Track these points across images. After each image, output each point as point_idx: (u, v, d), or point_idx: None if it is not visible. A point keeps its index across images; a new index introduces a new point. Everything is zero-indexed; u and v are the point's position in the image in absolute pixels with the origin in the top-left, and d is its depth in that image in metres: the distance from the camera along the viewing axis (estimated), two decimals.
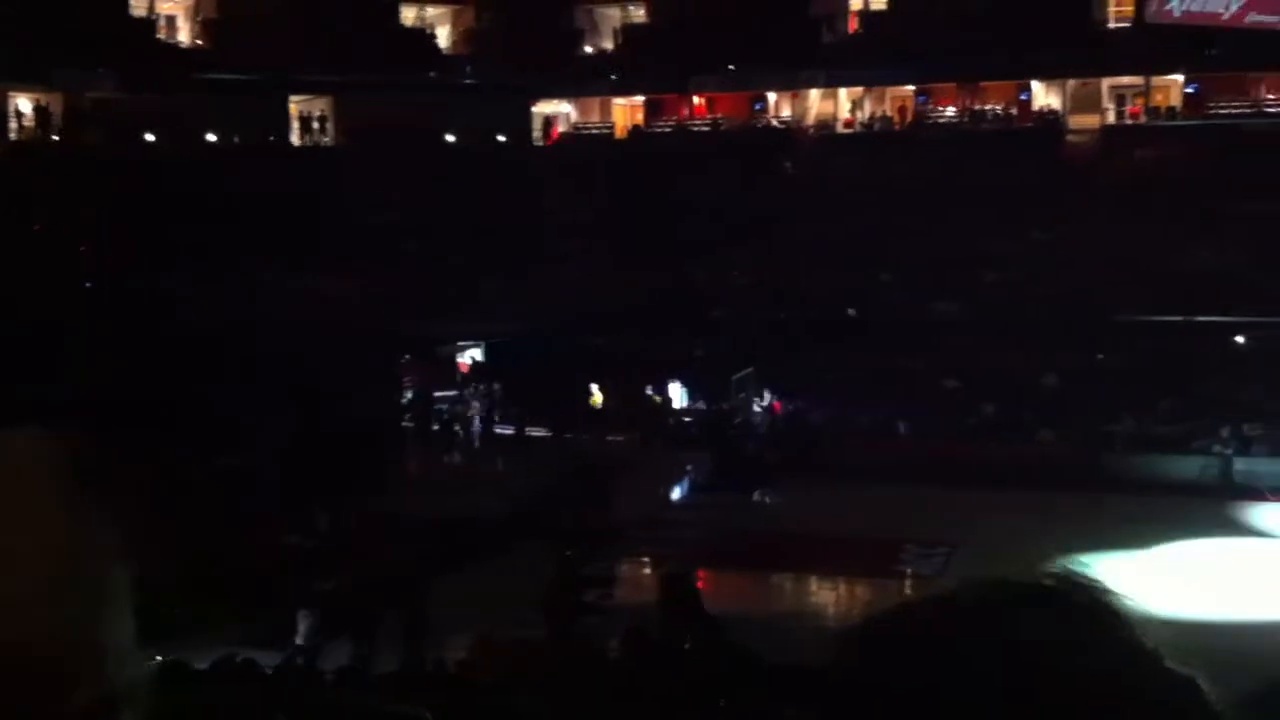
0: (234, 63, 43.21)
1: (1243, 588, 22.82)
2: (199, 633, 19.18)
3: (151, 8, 46.53)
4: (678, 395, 35.54)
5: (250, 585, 21.77)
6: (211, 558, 22.33)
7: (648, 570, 24.78)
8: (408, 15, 49.50)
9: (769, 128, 47.31)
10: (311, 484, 25.68)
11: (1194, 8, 37.99)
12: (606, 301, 37.01)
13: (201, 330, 32.43)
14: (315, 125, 46.99)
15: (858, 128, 46.70)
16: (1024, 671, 0.97)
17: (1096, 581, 1.05)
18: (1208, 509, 27.69)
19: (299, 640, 19.01)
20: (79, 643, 1.04)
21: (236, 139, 44.67)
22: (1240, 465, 29.19)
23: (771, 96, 47.89)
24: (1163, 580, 24.29)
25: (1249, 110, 42.60)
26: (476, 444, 35.39)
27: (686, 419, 35.07)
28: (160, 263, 35.55)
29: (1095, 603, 1.04)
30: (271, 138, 45.72)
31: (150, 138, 43.34)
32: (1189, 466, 29.75)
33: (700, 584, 21.65)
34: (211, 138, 44.45)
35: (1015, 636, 0.99)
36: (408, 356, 37.34)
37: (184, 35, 47.53)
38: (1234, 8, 37.24)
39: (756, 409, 34.15)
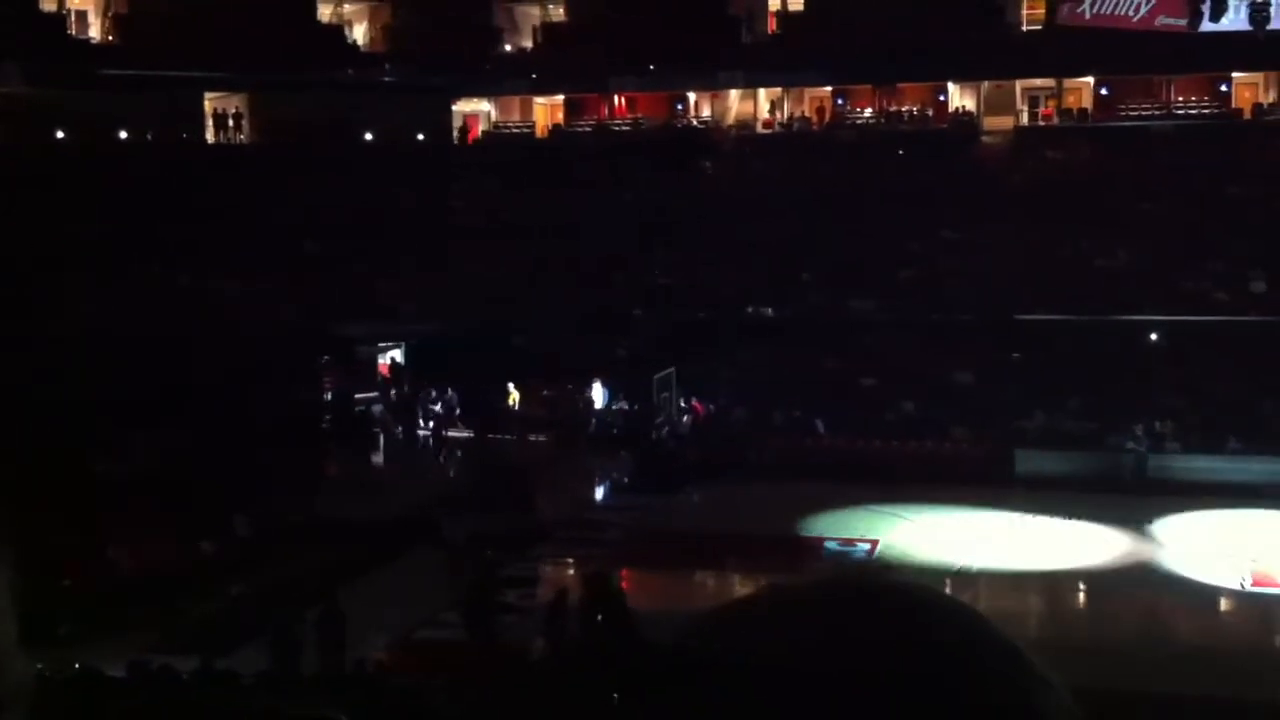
0: (147, 59, 42.50)
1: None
2: (107, 639, 18.89)
3: (61, 4, 45.67)
4: (599, 395, 35.55)
5: (158, 590, 21.46)
6: (112, 563, 22.00)
7: (570, 570, 24.77)
8: (324, 12, 49.00)
9: (689, 127, 47.46)
10: (219, 487, 25.38)
11: (1104, 11, 38.67)
12: (525, 302, 36.92)
13: (101, 331, 31.87)
14: (230, 123, 46.36)
15: (777, 128, 46.98)
16: (842, 661, 1.03)
17: (922, 586, 1.12)
18: (1119, 505, 28.25)
19: (216, 642, 18.76)
20: None
21: (149, 136, 43.96)
22: (1152, 461, 29.74)
23: (692, 96, 48.05)
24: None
25: (1159, 112, 43.44)
26: (395, 445, 35.20)
27: (608, 419, 35.09)
28: (61, 262, 34.88)
29: (914, 604, 1.10)
30: (185, 135, 45.02)
31: (60, 135, 42.54)
32: (1101, 463, 30.25)
33: (623, 584, 21.72)
34: (124, 135, 43.71)
35: (833, 630, 1.06)
36: (326, 358, 37.00)
37: (95, 31, 46.68)
38: (1143, 11, 37.99)
39: (679, 408, 34.22)
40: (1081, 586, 24.81)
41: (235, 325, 34.25)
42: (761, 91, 47.29)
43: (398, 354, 39.56)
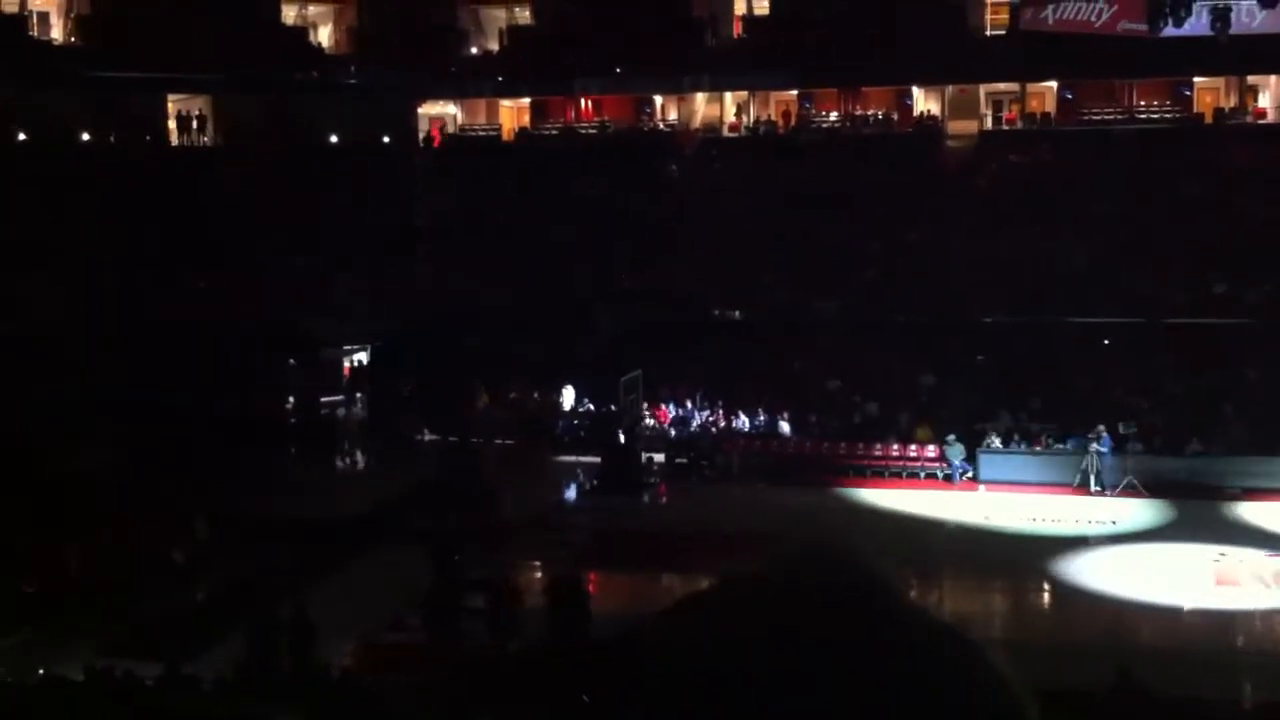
0: (110, 60, 42.21)
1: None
2: (68, 643, 18.76)
3: (23, 4, 45.30)
4: (566, 397, 35.52)
5: (118, 593, 21.30)
6: (72, 566, 21.82)
7: (536, 573, 24.75)
8: (289, 14, 48.77)
9: (655, 130, 47.49)
10: (180, 489, 25.23)
11: (1066, 16, 38.92)
12: (492, 305, 36.88)
13: (59, 332, 31.64)
14: (194, 125, 46.08)
15: (743, 131, 47.08)
16: (790, 653, 1.07)
17: (875, 578, 1.14)
18: (1080, 506, 28.50)
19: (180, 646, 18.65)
20: None
21: (112, 138, 43.67)
22: (1112, 461, 29.96)
23: (658, 99, 48.07)
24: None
25: (1121, 116, 43.76)
26: (362, 446, 35.05)
27: (575, 421, 35.07)
28: (19, 263, 34.62)
29: (866, 595, 1.14)
30: (148, 137, 44.73)
31: (21, 137, 42.22)
32: (1064, 462, 30.45)
33: (590, 586, 21.72)
34: (86, 137, 43.42)
35: (783, 622, 1.10)
36: (291, 361, 36.84)
37: (57, 32, 46.32)
38: (1105, 16, 38.23)
39: (645, 411, 34.23)
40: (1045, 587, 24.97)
41: (197, 327, 34.05)
42: (728, 95, 47.36)
43: (363, 356, 39.44)
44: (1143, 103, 44.11)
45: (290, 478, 30.40)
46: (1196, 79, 43.39)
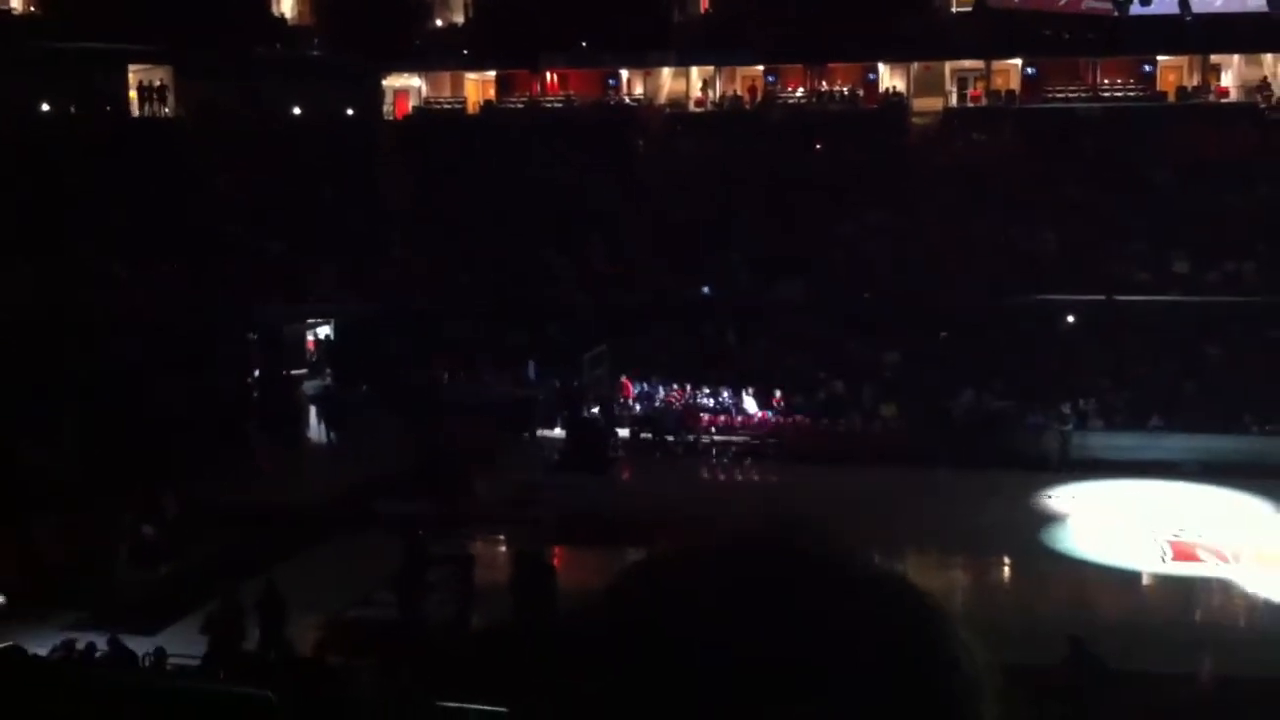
0: (71, 31, 41.67)
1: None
2: (36, 619, 18.72)
3: None
4: (529, 374, 35.39)
5: (87, 571, 21.21)
6: (41, 545, 21.70)
7: (501, 550, 24.76)
8: None
9: (621, 105, 47.37)
10: (146, 470, 25.06)
11: None
12: (454, 283, 36.74)
13: (18, 314, 31.25)
14: (155, 97, 45.60)
15: (709, 106, 47.03)
16: (746, 622, 1.05)
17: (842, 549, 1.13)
18: (1045, 481, 28.75)
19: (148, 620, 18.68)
20: None
21: (72, 109, 43.17)
22: (1076, 440, 30.20)
23: (624, 74, 47.95)
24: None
25: (1085, 94, 43.97)
26: (327, 422, 34.93)
27: (540, 397, 34.96)
28: None
29: (827, 565, 1.13)
30: (108, 108, 44.25)
31: None
32: (1027, 441, 30.68)
33: (554, 562, 21.76)
34: (45, 108, 42.91)
35: (738, 591, 1.08)
36: (253, 336, 36.57)
37: (16, 2, 45.73)
38: None
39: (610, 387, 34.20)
40: (1006, 561, 25.20)
41: (153, 305, 33.72)
42: (694, 70, 47.31)
43: (327, 329, 39.22)
44: (1106, 81, 44.32)
45: (254, 461, 30.07)
46: (1160, 58, 43.64)
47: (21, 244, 34.51)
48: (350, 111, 46.07)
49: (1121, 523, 25.97)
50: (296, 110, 45.15)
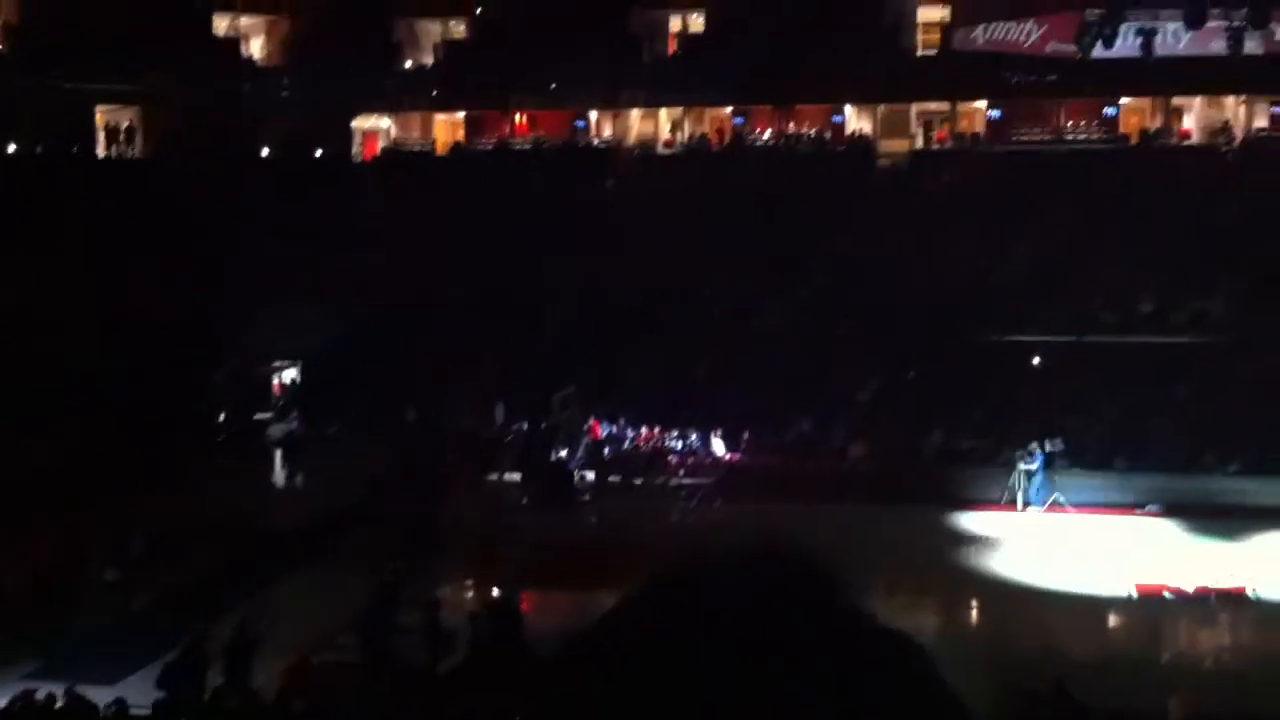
0: (37, 69, 41.52)
1: None
2: None
3: None
4: (499, 415, 35.28)
5: (48, 608, 20.96)
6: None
7: (469, 592, 24.62)
8: (221, 24, 48.27)
9: (590, 147, 47.53)
10: (111, 501, 24.82)
11: (997, 37, 39.41)
12: (423, 321, 36.66)
13: None
14: (122, 136, 45.46)
15: (678, 148, 47.26)
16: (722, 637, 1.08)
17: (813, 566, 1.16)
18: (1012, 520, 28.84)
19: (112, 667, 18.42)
20: None
21: (38, 149, 42.97)
22: (1040, 480, 30.30)
23: (593, 115, 48.14)
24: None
25: (1049, 137, 44.40)
26: (295, 464, 34.76)
27: (508, 438, 34.81)
28: None
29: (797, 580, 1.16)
30: (75, 148, 44.06)
31: None
32: (994, 480, 30.76)
33: (524, 605, 21.63)
34: (12, 148, 42.71)
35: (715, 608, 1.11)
36: (222, 377, 36.36)
37: None
38: (1034, 37, 38.72)
39: (578, 428, 34.11)
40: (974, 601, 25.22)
41: (124, 337, 33.47)
42: (663, 111, 47.56)
43: (293, 373, 39.00)
44: (1069, 123, 44.78)
45: (224, 499, 29.78)
46: (1123, 100, 44.14)
47: None
48: (319, 152, 46.03)
49: (1088, 560, 26.04)
50: (265, 150, 45.09)
